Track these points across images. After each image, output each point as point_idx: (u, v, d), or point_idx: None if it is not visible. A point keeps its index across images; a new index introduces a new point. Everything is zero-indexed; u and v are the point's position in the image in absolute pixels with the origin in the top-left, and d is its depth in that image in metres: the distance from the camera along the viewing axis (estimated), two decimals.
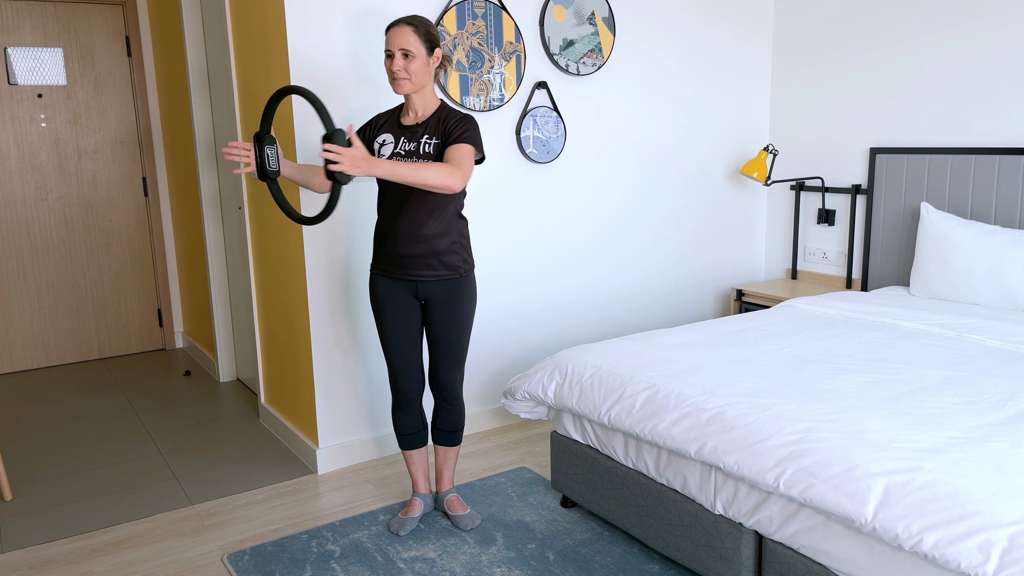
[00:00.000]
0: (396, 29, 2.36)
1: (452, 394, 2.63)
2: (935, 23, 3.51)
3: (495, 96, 3.31)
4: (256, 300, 3.59)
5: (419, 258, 2.46)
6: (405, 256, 2.47)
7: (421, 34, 2.37)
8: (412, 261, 2.47)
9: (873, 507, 1.70)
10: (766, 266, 4.44)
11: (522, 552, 2.51)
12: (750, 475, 1.95)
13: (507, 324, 3.56)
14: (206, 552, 2.57)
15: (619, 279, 3.90)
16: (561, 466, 2.71)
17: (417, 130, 2.44)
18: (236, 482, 3.08)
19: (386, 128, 2.49)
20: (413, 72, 2.36)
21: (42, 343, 4.71)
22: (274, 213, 3.24)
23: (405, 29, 2.35)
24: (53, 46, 4.53)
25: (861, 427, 1.93)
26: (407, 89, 2.39)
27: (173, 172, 4.80)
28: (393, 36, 2.36)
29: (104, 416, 3.87)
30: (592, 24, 3.53)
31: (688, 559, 2.25)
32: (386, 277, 2.52)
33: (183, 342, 5.11)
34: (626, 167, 3.81)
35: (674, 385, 2.29)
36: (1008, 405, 2.05)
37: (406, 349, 2.56)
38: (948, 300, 3.24)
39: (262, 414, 3.71)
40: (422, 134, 2.43)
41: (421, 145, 2.42)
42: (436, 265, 2.47)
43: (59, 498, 2.98)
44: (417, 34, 2.36)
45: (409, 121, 2.47)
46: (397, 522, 2.66)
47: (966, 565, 1.53)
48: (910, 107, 3.65)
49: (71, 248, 4.72)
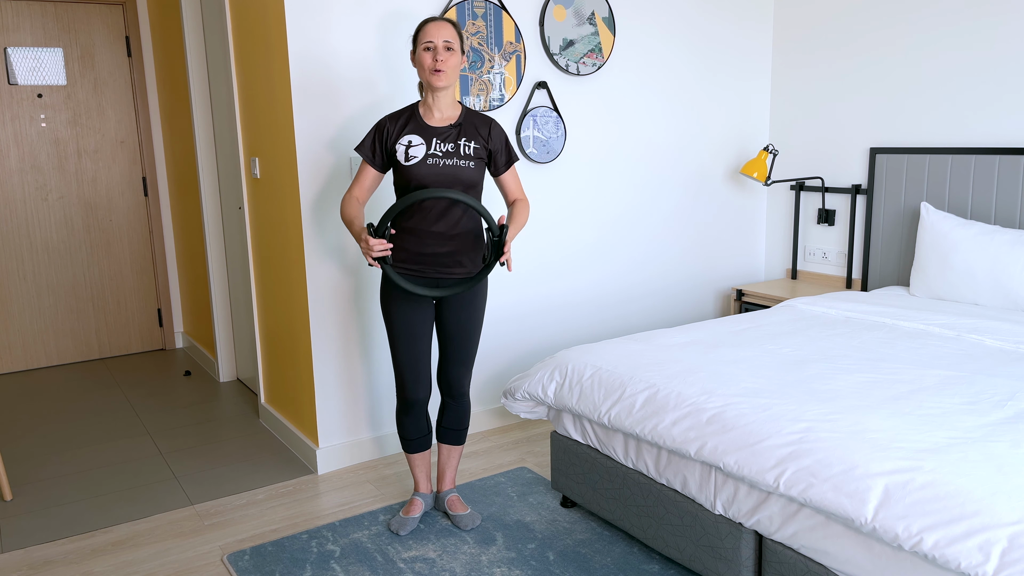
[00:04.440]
0: (437, 24, 2.39)
1: (460, 391, 2.63)
2: (935, 23, 3.51)
3: (495, 96, 3.31)
4: (256, 300, 3.59)
5: (444, 257, 2.46)
6: (430, 255, 2.45)
7: (459, 33, 2.42)
8: (435, 259, 2.46)
9: (873, 507, 1.70)
10: (766, 266, 4.44)
11: (522, 552, 2.51)
12: (750, 475, 1.95)
13: (507, 324, 3.56)
14: (206, 552, 2.57)
15: (619, 279, 3.90)
16: (561, 466, 2.71)
17: (449, 132, 2.44)
18: (236, 482, 3.08)
19: (410, 129, 2.44)
20: (453, 66, 2.39)
21: (42, 343, 4.71)
22: (274, 213, 3.24)
23: (447, 25, 2.39)
24: (53, 46, 4.53)
25: (861, 427, 1.93)
26: (445, 82, 2.39)
27: (173, 172, 4.80)
28: (436, 30, 2.37)
29: (104, 416, 3.87)
30: (592, 24, 3.53)
31: (688, 559, 2.25)
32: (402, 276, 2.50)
33: (183, 342, 5.11)
34: (626, 167, 3.81)
35: (674, 385, 2.29)
36: (1008, 405, 2.05)
37: (419, 356, 2.55)
38: (948, 300, 3.24)
39: (262, 414, 3.71)
40: (458, 136, 2.44)
41: (461, 147, 2.43)
42: (466, 263, 2.49)
43: (59, 498, 2.98)
44: (456, 32, 2.41)
45: (436, 122, 2.45)
46: (398, 521, 2.66)
47: (966, 565, 1.53)
48: (910, 107, 3.65)
49: (71, 248, 4.72)
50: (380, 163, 2.49)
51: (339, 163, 3.03)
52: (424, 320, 2.52)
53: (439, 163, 2.40)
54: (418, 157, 2.41)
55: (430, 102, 2.45)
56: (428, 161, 2.40)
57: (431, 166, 2.40)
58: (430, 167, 2.40)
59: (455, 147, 2.42)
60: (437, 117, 2.45)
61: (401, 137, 2.44)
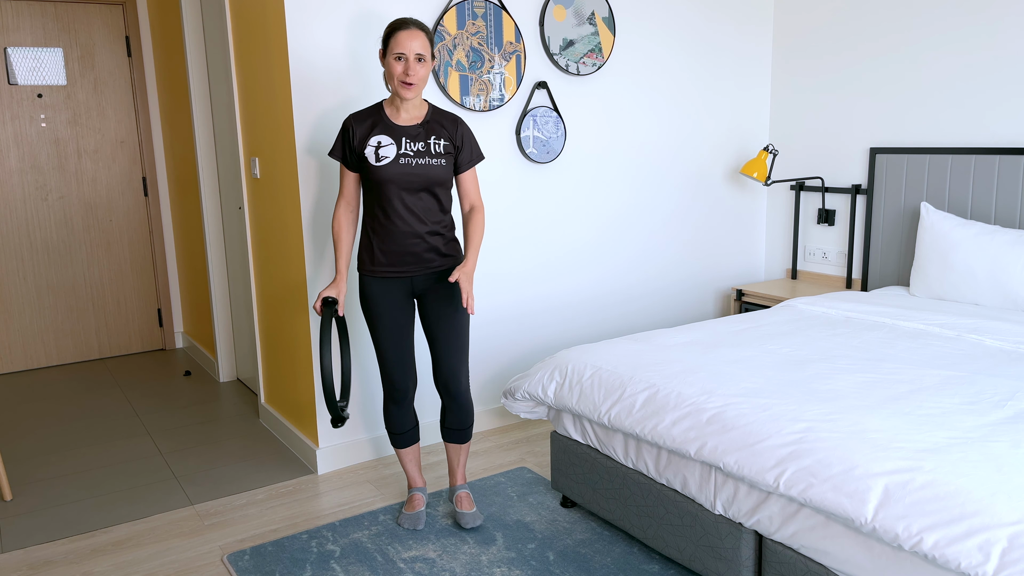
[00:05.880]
0: (409, 33, 2.35)
1: (458, 389, 2.61)
2: (935, 23, 3.51)
3: (495, 96, 3.31)
4: (256, 300, 3.59)
5: (418, 255, 2.48)
6: (405, 254, 2.48)
7: (430, 39, 2.40)
8: (412, 258, 2.48)
9: (873, 507, 1.70)
10: (766, 266, 4.44)
11: (522, 552, 2.51)
12: (750, 475, 1.95)
13: (507, 324, 3.56)
14: (206, 552, 2.57)
15: (619, 279, 3.90)
16: (561, 466, 2.71)
17: (419, 130, 2.45)
18: (236, 482, 3.08)
19: (379, 130, 2.44)
20: (423, 78, 2.38)
21: (42, 343, 4.71)
22: (274, 213, 3.24)
23: (419, 34, 2.36)
24: (53, 46, 4.53)
25: (861, 427, 1.93)
26: (415, 93, 2.39)
27: (173, 172, 4.80)
28: (407, 40, 2.34)
29: (104, 416, 3.87)
30: (592, 24, 3.53)
31: (688, 559, 2.25)
32: (379, 278, 2.51)
33: (183, 342, 5.11)
34: (626, 167, 3.81)
35: (674, 385, 2.29)
36: (1008, 405, 2.05)
37: (401, 346, 2.56)
38: (948, 300, 3.24)
39: (262, 414, 3.71)
40: (427, 134, 2.45)
41: (431, 146, 2.44)
42: (435, 258, 2.51)
43: (59, 498, 2.98)
44: (428, 39, 2.39)
45: (403, 122, 2.46)
46: (408, 519, 2.66)
47: (966, 565, 1.53)
48: (910, 107, 3.65)
49: (71, 248, 4.72)
50: (354, 164, 2.50)
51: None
52: (405, 314, 2.55)
53: (411, 163, 2.42)
54: (389, 158, 2.42)
55: (398, 103, 2.45)
56: (400, 161, 2.41)
57: (403, 166, 2.42)
58: (402, 167, 2.41)
59: (425, 146, 2.44)
60: (404, 117, 2.46)
61: (370, 138, 2.44)
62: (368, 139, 2.44)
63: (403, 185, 2.43)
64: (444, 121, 2.49)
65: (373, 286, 2.52)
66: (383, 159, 2.42)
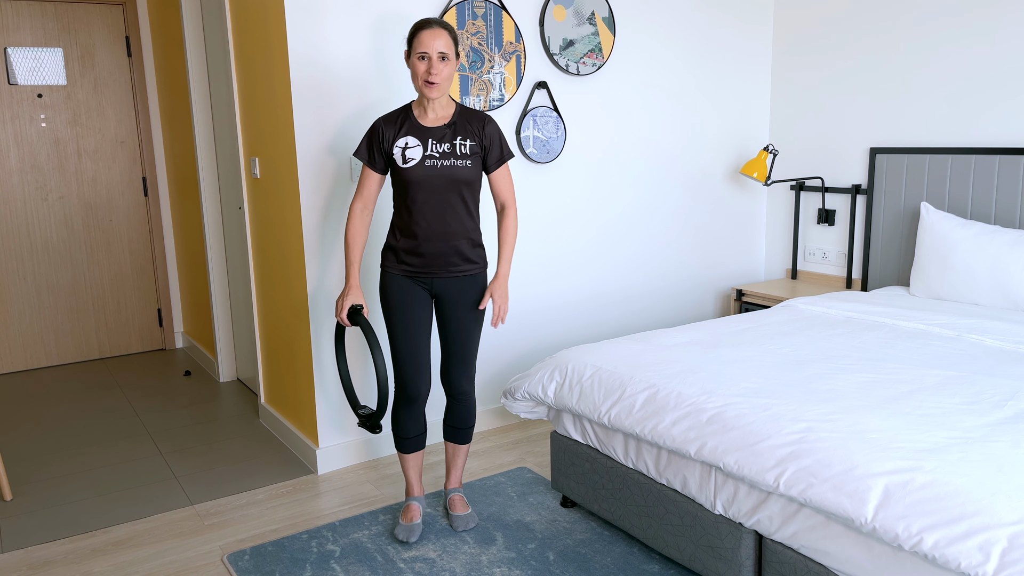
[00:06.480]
0: (431, 32, 2.34)
1: (462, 390, 2.61)
2: (935, 23, 3.51)
3: (495, 96, 3.31)
4: (256, 300, 3.59)
5: (441, 257, 2.47)
6: (427, 255, 2.47)
7: (454, 38, 2.39)
8: (434, 260, 2.47)
9: (873, 507, 1.70)
10: (766, 266, 4.44)
11: (522, 552, 2.51)
12: (750, 475, 1.95)
13: (507, 324, 3.56)
14: (206, 552, 2.57)
15: (619, 279, 3.90)
16: (561, 466, 2.71)
17: (445, 131, 2.44)
18: (236, 482, 3.08)
19: (406, 131, 2.44)
20: (447, 76, 2.37)
21: (42, 343, 4.71)
22: (274, 213, 3.24)
23: (442, 33, 2.35)
24: (53, 46, 4.53)
25: (861, 427, 1.93)
26: (439, 93, 2.38)
27: (173, 172, 4.80)
28: (430, 39, 2.33)
29: (104, 416, 3.87)
30: (592, 24, 3.53)
31: (688, 559, 2.25)
32: (404, 276, 2.51)
33: (183, 342, 5.11)
34: (626, 167, 3.81)
35: (674, 385, 2.29)
36: (1008, 405, 2.05)
37: (416, 345, 2.54)
38: (948, 300, 3.24)
39: (262, 414, 3.71)
40: (453, 135, 2.44)
41: (457, 147, 2.43)
42: (458, 261, 2.49)
43: (59, 498, 2.98)
44: (452, 38, 2.38)
45: (430, 122, 2.45)
46: (404, 530, 2.60)
47: (966, 565, 1.53)
48: (910, 107, 3.65)
49: (71, 248, 4.72)
50: (381, 166, 2.49)
51: (339, 163, 3.03)
52: (423, 313, 2.53)
53: (437, 164, 2.41)
54: (416, 159, 2.41)
55: (424, 103, 2.44)
56: (426, 163, 2.41)
57: (429, 168, 2.41)
58: (428, 168, 2.41)
59: (451, 147, 2.42)
60: (431, 117, 2.45)
61: (398, 140, 2.44)
62: (396, 141, 2.44)
63: (429, 186, 2.42)
64: (472, 121, 2.47)
65: (394, 283, 2.51)
66: (410, 160, 2.41)
